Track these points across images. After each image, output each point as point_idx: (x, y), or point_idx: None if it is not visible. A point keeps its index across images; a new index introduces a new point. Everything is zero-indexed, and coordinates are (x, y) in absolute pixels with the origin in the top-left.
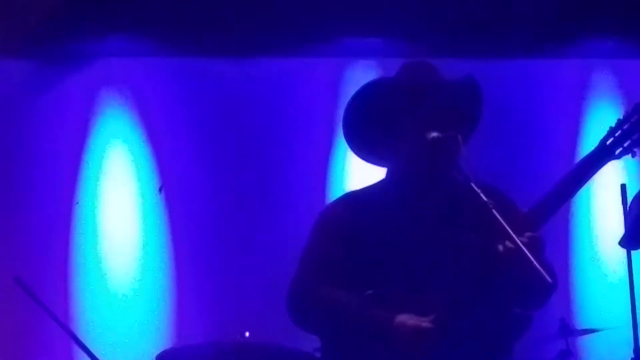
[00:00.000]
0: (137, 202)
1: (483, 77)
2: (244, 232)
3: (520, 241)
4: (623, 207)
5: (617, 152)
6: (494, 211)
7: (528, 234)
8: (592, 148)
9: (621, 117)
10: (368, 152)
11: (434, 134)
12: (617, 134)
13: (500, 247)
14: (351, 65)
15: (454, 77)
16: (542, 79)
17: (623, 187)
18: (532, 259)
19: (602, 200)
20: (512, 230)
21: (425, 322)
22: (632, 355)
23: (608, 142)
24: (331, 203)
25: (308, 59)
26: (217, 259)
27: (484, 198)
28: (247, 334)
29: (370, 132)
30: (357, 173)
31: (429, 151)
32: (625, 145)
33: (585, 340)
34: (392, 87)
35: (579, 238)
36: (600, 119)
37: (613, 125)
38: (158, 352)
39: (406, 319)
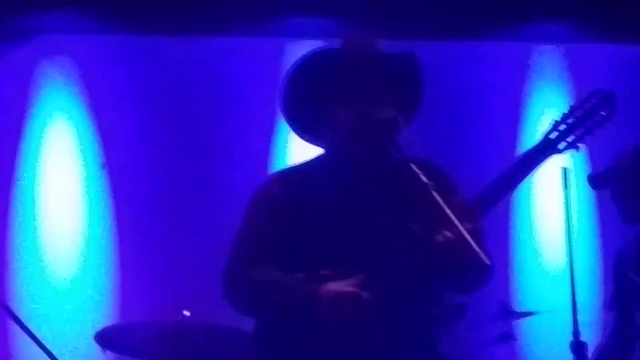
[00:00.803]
0: (80, 179)
1: (426, 58)
2: (186, 211)
3: (460, 225)
4: (565, 191)
5: (561, 147)
6: (433, 193)
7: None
8: (535, 141)
9: (566, 111)
10: (306, 128)
11: (374, 115)
12: (561, 129)
13: (440, 237)
14: (296, 45)
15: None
16: (487, 61)
17: (565, 171)
18: (471, 241)
19: (543, 183)
20: (451, 213)
21: (348, 287)
22: (571, 338)
23: (552, 137)
24: (266, 180)
25: (252, 38)
26: (158, 237)
27: (424, 179)
28: (186, 313)
29: (308, 107)
30: (300, 154)
31: (368, 131)
32: (570, 140)
33: (525, 323)
34: (331, 58)
35: (520, 220)
36: (544, 104)
37: (558, 119)
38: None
39: (330, 284)
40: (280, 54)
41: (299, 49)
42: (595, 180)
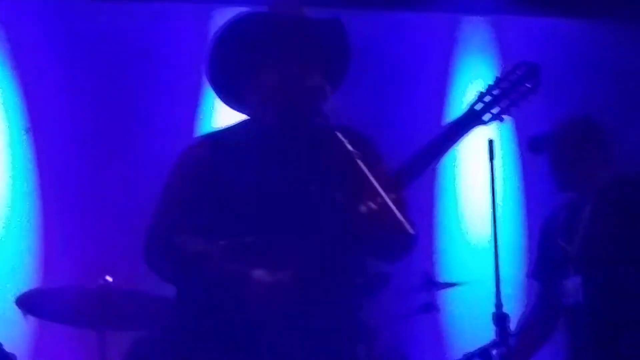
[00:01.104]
0: (3, 143)
1: (355, 27)
2: (109, 176)
3: (384, 194)
4: (490, 163)
5: (486, 118)
6: (358, 161)
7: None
8: (461, 112)
9: (491, 83)
10: (232, 94)
11: (301, 84)
12: (486, 100)
13: (364, 206)
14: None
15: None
16: (415, 32)
17: (491, 143)
18: (396, 210)
19: (468, 154)
20: (376, 182)
21: (281, 278)
22: (494, 310)
23: (477, 108)
24: (188, 145)
25: (179, 2)
26: (82, 202)
27: (349, 147)
28: (109, 278)
29: (233, 72)
30: (225, 121)
31: (294, 97)
32: (494, 112)
33: (448, 294)
34: (257, 23)
35: (445, 191)
36: (471, 75)
37: (483, 90)
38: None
39: (262, 274)
40: (207, 20)
41: (225, 15)
42: (534, 145)
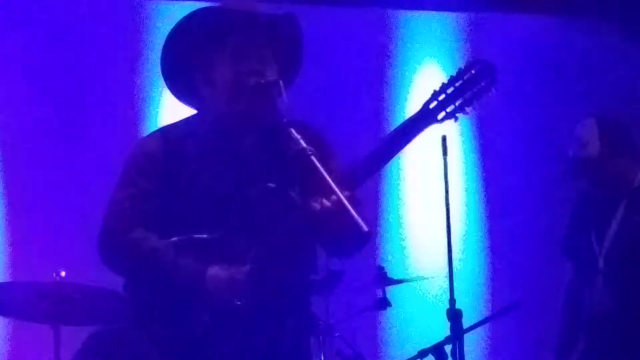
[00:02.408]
0: None
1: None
2: (62, 171)
3: (338, 191)
4: (444, 158)
5: (440, 116)
6: (312, 158)
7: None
8: (415, 111)
9: (445, 81)
10: (186, 89)
11: (256, 79)
12: (440, 99)
13: (317, 205)
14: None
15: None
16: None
17: (444, 139)
18: (350, 208)
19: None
20: (330, 179)
21: (238, 274)
22: (447, 306)
23: (431, 106)
24: (143, 137)
25: None
26: (36, 195)
27: (303, 144)
28: (62, 273)
29: (188, 66)
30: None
31: (248, 92)
32: (448, 110)
33: (401, 290)
34: (212, 18)
35: (399, 187)
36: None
37: (437, 88)
38: None
39: (218, 271)
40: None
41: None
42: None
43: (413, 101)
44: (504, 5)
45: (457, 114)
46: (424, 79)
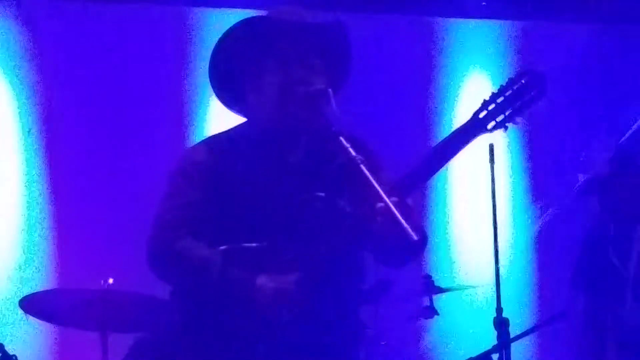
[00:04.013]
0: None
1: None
2: (112, 180)
3: (387, 199)
4: (491, 166)
5: (490, 126)
6: (362, 166)
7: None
8: (463, 120)
9: (495, 91)
10: (235, 97)
11: (304, 88)
12: (490, 108)
13: (368, 212)
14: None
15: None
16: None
17: (491, 147)
18: (399, 216)
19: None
20: (379, 187)
21: (286, 283)
22: (494, 315)
23: (481, 116)
24: (190, 147)
25: (156, 5)
26: (85, 205)
27: (353, 153)
28: (110, 280)
29: (238, 75)
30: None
31: (297, 101)
32: (498, 119)
33: (448, 298)
34: (261, 26)
35: (446, 195)
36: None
37: (487, 98)
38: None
39: (267, 280)
40: (183, 22)
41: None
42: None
43: (460, 110)
44: (551, 14)
45: (507, 124)
46: (470, 88)
